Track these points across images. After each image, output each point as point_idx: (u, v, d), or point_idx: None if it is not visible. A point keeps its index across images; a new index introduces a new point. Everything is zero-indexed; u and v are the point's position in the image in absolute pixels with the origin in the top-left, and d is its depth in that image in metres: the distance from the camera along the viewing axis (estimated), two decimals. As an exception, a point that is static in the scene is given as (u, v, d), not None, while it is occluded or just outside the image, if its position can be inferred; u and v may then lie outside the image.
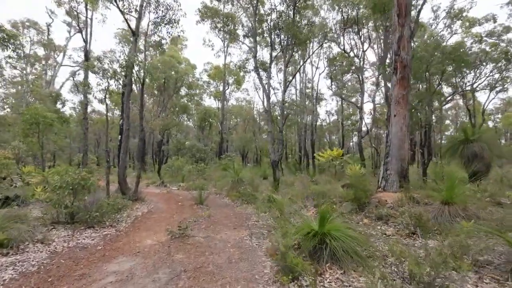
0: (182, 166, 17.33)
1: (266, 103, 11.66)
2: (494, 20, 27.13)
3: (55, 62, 33.66)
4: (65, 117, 30.51)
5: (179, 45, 30.68)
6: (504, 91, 26.90)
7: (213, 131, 36.69)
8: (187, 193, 13.53)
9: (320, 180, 16.49)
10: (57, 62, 33.07)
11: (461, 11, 26.30)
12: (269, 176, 17.72)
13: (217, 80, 32.07)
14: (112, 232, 6.44)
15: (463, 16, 25.19)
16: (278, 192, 11.37)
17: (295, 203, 8.85)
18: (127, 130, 11.28)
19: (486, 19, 27.56)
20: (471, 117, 24.65)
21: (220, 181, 15.70)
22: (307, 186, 13.70)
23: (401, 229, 5.36)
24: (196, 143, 21.50)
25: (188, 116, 22.43)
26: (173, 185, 16.30)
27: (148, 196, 12.38)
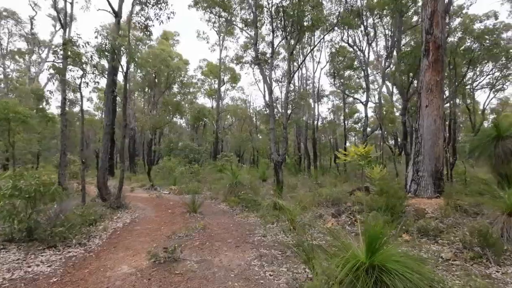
0: (174, 168, 15.86)
1: (268, 96, 10.34)
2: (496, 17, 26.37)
3: (39, 58, 31.83)
4: (49, 116, 28.80)
5: (171, 41, 29.16)
6: (502, 91, 26.16)
7: (207, 131, 35.23)
8: (179, 197, 12.06)
9: (324, 182, 15.22)
10: (42, 58, 31.27)
11: (461, 8, 25.47)
12: (268, 178, 16.38)
13: (211, 77, 30.63)
14: (79, 252, 5.00)
15: (463, 13, 24.37)
16: (282, 196, 10.04)
17: (305, 211, 7.52)
18: (108, 126, 9.82)
19: (487, 16, 26.79)
20: (471, 116, 23.77)
21: (216, 184, 14.29)
22: (314, 189, 12.41)
23: (461, 251, 4.04)
24: (189, 143, 20.04)
25: (181, 114, 20.93)
26: (164, 189, 14.83)
27: (135, 201, 10.91)
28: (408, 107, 10.98)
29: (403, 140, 10.44)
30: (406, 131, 10.49)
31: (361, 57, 17.44)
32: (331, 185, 14.04)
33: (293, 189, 12.75)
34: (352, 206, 6.64)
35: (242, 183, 11.03)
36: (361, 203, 6.90)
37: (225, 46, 22.84)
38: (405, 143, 10.35)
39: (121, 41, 8.76)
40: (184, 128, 40.45)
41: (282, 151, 10.25)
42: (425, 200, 6.06)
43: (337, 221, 6.01)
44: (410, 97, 10.39)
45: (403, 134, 10.57)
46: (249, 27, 12.80)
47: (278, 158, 10.23)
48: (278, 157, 10.31)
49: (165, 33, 28.14)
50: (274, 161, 10.31)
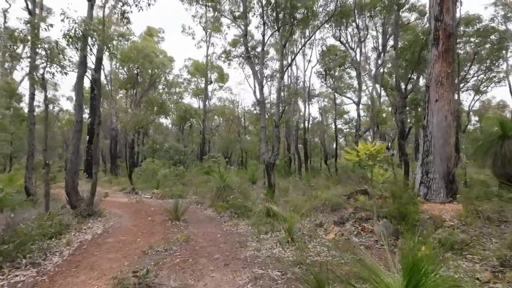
0: (157, 170, 14.80)
1: (259, 93, 9.53)
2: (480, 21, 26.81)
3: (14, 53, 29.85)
4: (23, 116, 26.97)
5: (155, 38, 27.97)
6: (485, 93, 26.44)
7: (194, 132, 34.07)
8: (161, 202, 11.07)
9: (316, 184, 14.54)
10: (17, 54, 29.32)
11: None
12: (258, 180, 15.57)
13: (198, 76, 29.60)
14: (29, 276, 4.03)
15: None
16: (274, 201, 9.24)
17: (302, 218, 6.74)
18: (79, 123, 8.77)
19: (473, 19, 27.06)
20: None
21: (202, 187, 13.34)
22: (307, 193, 11.68)
23: (499, 269, 3.34)
24: (174, 144, 18.98)
25: (165, 114, 19.81)
26: (146, 192, 13.76)
27: (111, 207, 9.87)
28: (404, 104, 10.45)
29: (400, 140, 9.87)
30: (403, 130, 9.94)
31: (353, 55, 16.94)
32: (325, 187, 13.38)
33: (285, 192, 11.99)
34: (356, 213, 5.90)
35: (231, 186, 10.17)
36: (364, 209, 6.18)
37: (212, 43, 21.98)
38: (403, 143, 9.78)
39: (94, 27, 7.75)
40: (170, 129, 39.12)
41: (274, 152, 9.47)
42: (438, 205, 5.40)
43: (341, 230, 5.25)
44: (408, 94, 9.85)
45: (400, 133, 10.01)
46: (238, 20, 12.01)
47: (270, 159, 9.44)
48: (269, 158, 9.51)
49: (149, 29, 26.97)
50: (265, 162, 9.52)
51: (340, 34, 16.65)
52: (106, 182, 20.47)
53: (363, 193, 8.54)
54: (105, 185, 19.25)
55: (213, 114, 35.97)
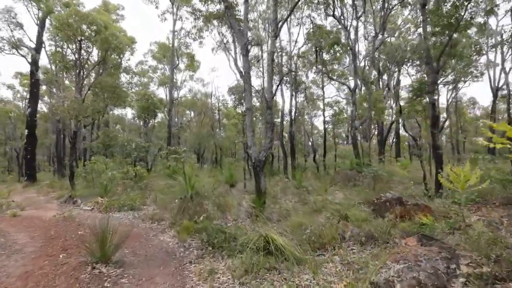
0: (103, 171, 11.26)
1: (242, 60, 6.49)
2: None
3: None
4: None
5: (113, 15, 23.77)
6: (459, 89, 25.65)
7: (163, 128, 30.20)
8: (102, 218, 7.72)
9: (310, 186, 11.83)
10: None
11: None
12: (237, 183, 12.57)
13: (165, 62, 25.84)
14: None
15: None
16: (265, 214, 6.33)
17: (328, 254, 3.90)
18: None
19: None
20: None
21: (164, 193, 10.10)
22: (306, 199, 8.91)
23: None
24: (133, 138, 15.40)
25: (120, 100, 16.04)
26: (87, 201, 10.21)
27: (18, 230, 6.48)
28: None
29: (432, 129, 7.37)
30: (435, 116, 7.48)
31: (347, 35, 14.42)
32: (322, 190, 10.71)
33: (275, 198, 9.13)
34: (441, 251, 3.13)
35: (202, 193, 7.10)
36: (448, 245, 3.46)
37: (179, 16, 18.38)
38: (435, 133, 7.31)
39: None
40: (135, 124, 34.74)
41: (266, 145, 6.52)
42: None
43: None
44: (441, 67, 7.47)
45: (432, 119, 7.52)
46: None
47: (260, 156, 6.47)
48: (259, 154, 6.55)
49: (104, 3, 22.82)
50: (252, 159, 6.55)
51: (334, 8, 14.05)
52: (46, 187, 16.39)
53: (398, 203, 5.89)
54: (44, 190, 15.25)
55: (184, 107, 32.28)
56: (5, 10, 17.91)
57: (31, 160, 20.52)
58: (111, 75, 17.60)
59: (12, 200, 12.03)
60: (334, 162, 18.72)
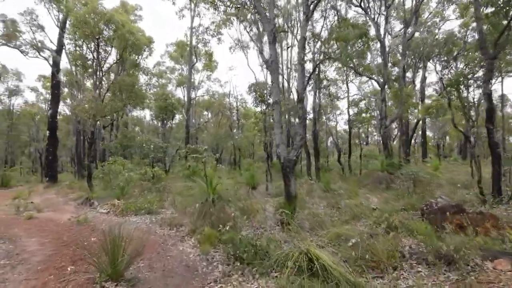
0: (120, 172, 10.85)
1: (269, 48, 5.77)
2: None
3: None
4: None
5: (132, 16, 23.75)
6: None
7: (180, 129, 29.98)
8: (117, 223, 7.21)
9: (339, 189, 10.92)
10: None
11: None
12: (259, 185, 11.85)
13: (182, 62, 25.58)
14: None
15: (458, 0, 21.88)
16: (297, 221, 5.56)
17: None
18: None
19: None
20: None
21: (183, 195, 9.54)
22: (337, 204, 8.07)
23: None
24: (150, 138, 15.03)
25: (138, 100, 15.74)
26: (104, 203, 9.81)
27: (32, 234, 6.06)
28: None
29: (488, 124, 6.33)
30: (492, 108, 6.43)
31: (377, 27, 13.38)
32: (352, 193, 9.79)
33: (301, 202, 8.32)
34: None
35: (224, 197, 6.42)
36: None
37: (198, 13, 17.99)
38: (491, 128, 6.28)
39: None
40: (153, 125, 34.80)
41: (296, 143, 5.74)
42: None
43: None
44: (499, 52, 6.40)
45: (488, 113, 6.47)
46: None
47: (290, 155, 5.69)
48: (289, 154, 5.76)
49: (123, 4, 22.81)
50: (281, 160, 5.79)
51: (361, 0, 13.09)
52: (66, 187, 16.36)
53: (456, 211, 4.96)
54: (63, 190, 15.18)
55: (201, 108, 31.99)
56: (27, 12, 18.13)
57: (52, 161, 20.69)
58: (129, 76, 17.43)
59: (31, 201, 11.93)
60: (359, 163, 17.66)
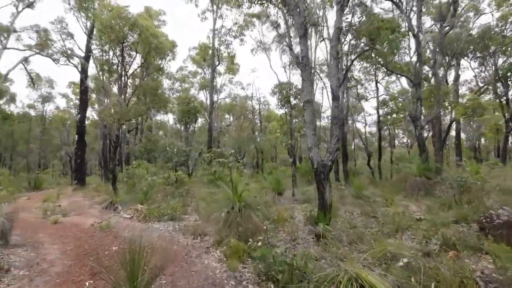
0: (143, 176, 10.70)
1: (300, 42, 5.25)
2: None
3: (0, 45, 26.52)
4: (4, 113, 23.52)
5: (155, 21, 24.10)
6: None
7: (203, 132, 30.03)
8: (141, 230, 6.94)
9: (372, 195, 10.12)
10: (3, 44, 25.99)
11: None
12: (285, 190, 11.28)
13: (205, 65, 25.60)
14: None
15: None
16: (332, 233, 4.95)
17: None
18: None
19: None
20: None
21: (207, 201, 9.18)
22: (374, 213, 7.36)
23: None
24: (174, 142, 14.93)
25: (161, 103, 15.75)
26: (127, 208, 9.67)
27: (55, 240, 5.92)
28: None
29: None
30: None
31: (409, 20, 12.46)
32: (387, 200, 8.99)
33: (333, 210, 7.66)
34: None
35: (252, 205, 5.93)
36: None
37: (220, 15, 17.81)
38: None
39: None
40: (176, 129, 35.20)
41: (332, 146, 5.15)
42: None
43: None
44: None
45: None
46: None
47: (325, 159, 5.12)
48: (323, 158, 5.17)
49: (147, 10, 23.17)
50: (314, 164, 5.20)
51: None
52: (93, 190, 16.65)
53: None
54: (90, 193, 15.42)
55: (223, 111, 31.93)
56: (57, 20, 18.84)
57: (80, 164, 21.26)
58: (153, 80, 17.56)
59: (59, 204, 12.12)
60: (389, 167, 16.60)
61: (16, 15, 25.51)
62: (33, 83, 30.28)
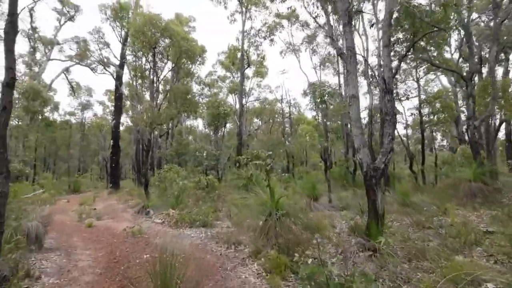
0: (174, 180, 10.53)
1: (343, 28, 4.65)
2: None
3: (45, 57, 28.41)
4: (47, 120, 24.98)
5: (185, 28, 24.50)
6: None
7: (232, 137, 29.97)
8: (172, 236, 6.66)
9: (422, 203, 9.11)
10: (47, 56, 27.83)
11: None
12: (321, 196, 10.55)
13: (234, 69, 25.57)
14: None
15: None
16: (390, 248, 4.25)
17: None
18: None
19: None
20: None
21: (239, 207, 8.76)
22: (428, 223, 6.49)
23: None
24: (204, 146, 14.79)
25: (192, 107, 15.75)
26: (159, 212, 9.52)
27: (88, 245, 5.78)
28: None
29: None
30: None
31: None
32: (440, 208, 7.98)
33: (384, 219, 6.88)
34: None
35: (290, 213, 5.37)
36: None
37: (249, 16, 17.56)
38: None
39: None
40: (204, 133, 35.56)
41: (385, 146, 4.46)
42: None
43: None
44: None
45: None
46: None
47: (377, 162, 4.44)
48: (374, 162, 4.50)
49: (177, 16, 23.63)
50: (364, 168, 4.53)
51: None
52: (127, 194, 16.99)
53: None
54: (124, 197, 15.71)
55: (252, 114, 31.71)
56: (95, 30, 19.73)
57: (115, 168, 21.95)
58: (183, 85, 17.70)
59: (94, 208, 12.37)
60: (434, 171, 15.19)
61: (59, 28, 27.27)
62: (74, 91, 32.17)
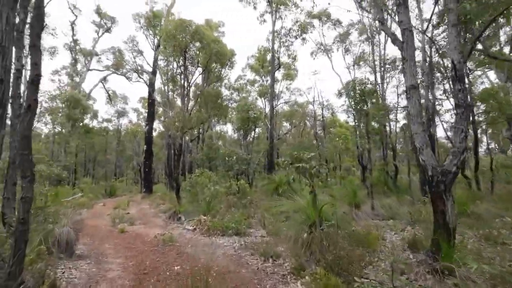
0: (205, 185, 10.17)
1: (398, 7, 3.98)
2: None
3: (85, 67, 30.08)
4: (87, 127, 26.26)
5: (215, 33, 24.63)
6: None
7: (261, 142, 29.52)
8: (205, 244, 6.23)
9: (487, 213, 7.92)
10: (86, 66, 29.43)
11: None
12: (362, 203, 9.63)
13: (263, 72, 25.20)
14: None
15: None
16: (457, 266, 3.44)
17: None
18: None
19: None
20: None
21: (273, 214, 8.17)
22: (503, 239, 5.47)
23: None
24: (234, 150, 14.43)
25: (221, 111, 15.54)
26: (190, 219, 9.18)
27: (118, 253, 5.51)
28: None
29: None
30: None
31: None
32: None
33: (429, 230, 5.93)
34: None
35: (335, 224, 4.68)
36: None
37: (279, 16, 17.04)
38: None
39: None
40: (233, 138, 35.51)
41: (457, 145, 3.68)
42: None
43: None
44: None
45: None
46: None
47: (446, 165, 3.66)
48: (442, 164, 3.72)
49: (207, 22, 23.78)
50: (429, 171, 3.75)
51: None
52: (159, 198, 17.09)
53: None
54: (156, 201, 15.79)
55: (281, 118, 31.10)
56: (129, 39, 20.39)
57: (148, 173, 22.37)
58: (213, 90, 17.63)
59: (128, 212, 12.44)
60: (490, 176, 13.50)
61: (97, 39, 28.75)
62: (110, 99, 33.71)
